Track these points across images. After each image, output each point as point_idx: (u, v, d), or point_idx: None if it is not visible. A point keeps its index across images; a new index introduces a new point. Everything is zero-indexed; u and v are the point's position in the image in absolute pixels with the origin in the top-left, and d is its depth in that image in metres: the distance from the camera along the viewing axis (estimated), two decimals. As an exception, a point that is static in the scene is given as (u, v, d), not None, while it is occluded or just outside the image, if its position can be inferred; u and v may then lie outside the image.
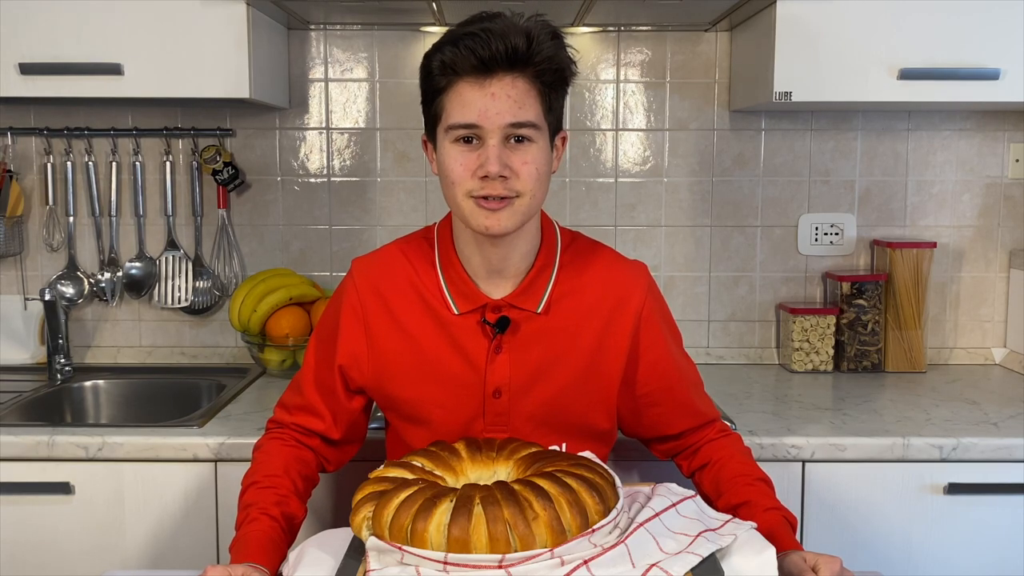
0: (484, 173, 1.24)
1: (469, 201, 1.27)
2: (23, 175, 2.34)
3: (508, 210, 1.27)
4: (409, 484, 1.11)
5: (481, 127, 1.24)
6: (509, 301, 1.36)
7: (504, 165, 1.24)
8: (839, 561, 1.16)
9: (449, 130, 1.27)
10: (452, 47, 1.24)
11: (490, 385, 1.35)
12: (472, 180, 1.26)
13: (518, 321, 1.36)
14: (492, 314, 1.35)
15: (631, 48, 2.34)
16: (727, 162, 2.37)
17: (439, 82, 1.27)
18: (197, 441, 1.75)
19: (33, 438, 1.75)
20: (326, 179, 2.37)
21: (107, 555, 1.77)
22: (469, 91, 1.24)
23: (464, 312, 1.36)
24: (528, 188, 1.27)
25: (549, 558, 1.02)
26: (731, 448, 1.44)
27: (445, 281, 1.38)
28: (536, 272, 1.37)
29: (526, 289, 1.36)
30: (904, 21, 1.95)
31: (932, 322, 2.39)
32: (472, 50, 1.22)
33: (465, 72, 1.24)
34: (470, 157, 1.26)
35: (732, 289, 2.40)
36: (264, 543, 1.24)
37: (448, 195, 1.31)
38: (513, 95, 1.24)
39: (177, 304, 2.34)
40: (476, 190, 1.26)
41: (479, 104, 1.24)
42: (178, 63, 1.97)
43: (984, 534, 1.77)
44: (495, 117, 1.24)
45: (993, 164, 2.37)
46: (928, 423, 1.85)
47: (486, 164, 1.24)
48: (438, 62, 1.26)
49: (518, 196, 1.27)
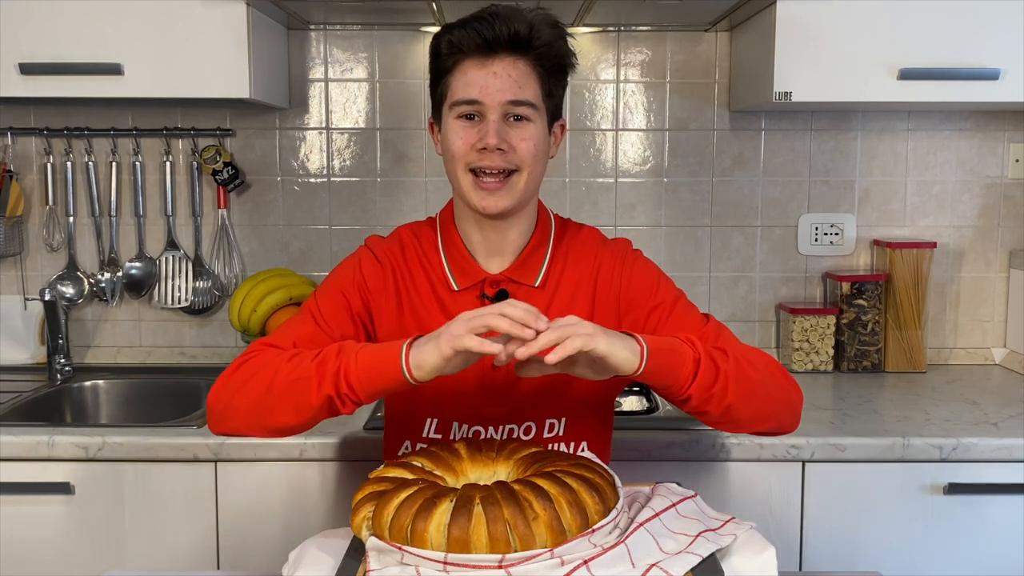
0: (483, 145, 1.31)
1: (468, 176, 1.34)
2: (23, 175, 2.34)
3: (505, 190, 1.33)
4: (409, 484, 1.11)
5: (482, 103, 1.31)
6: (507, 275, 1.40)
7: (502, 139, 1.31)
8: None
9: (453, 107, 1.33)
10: (460, 28, 1.32)
11: (488, 358, 1.36)
12: (472, 153, 1.32)
13: (516, 295, 1.39)
14: (491, 288, 1.39)
15: (631, 48, 2.34)
16: (727, 162, 2.37)
17: (446, 62, 1.34)
18: (197, 441, 1.75)
19: (33, 438, 1.75)
20: (326, 179, 2.37)
21: (107, 555, 1.77)
22: (473, 69, 1.32)
23: (464, 288, 1.40)
24: (526, 163, 1.33)
25: (549, 558, 1.02)
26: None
27: (447, 259, 1.42)
28: (532, 247, 1.42)
29: (523, 263, 1.41)
30: (904, 21, 1.95)
31: (932, 322, 2.39)
32: (477, 31, 1.30)
33: (470, 51, 1.31)
34: (471, 132, 1.33)
35: (732, 289, 2.40)
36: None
37: (450, 171, 1.37)
38: (514, 75, 1.31)
39: (177, 304, 2.34)
40: (474, 162, 1.32)
41: (481, 81, 1.31)
42: (178, 63, 1.97)
43: (984, 534, 1.77)
44: (495, 94, 1.30)
45: (993, 164, 2.37)
46: (928, 423, 1.85)
47: (485, 137, 1.31)
48: (446, 42, 1.33)
49: (516, 171, 1.33)
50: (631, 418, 1.91)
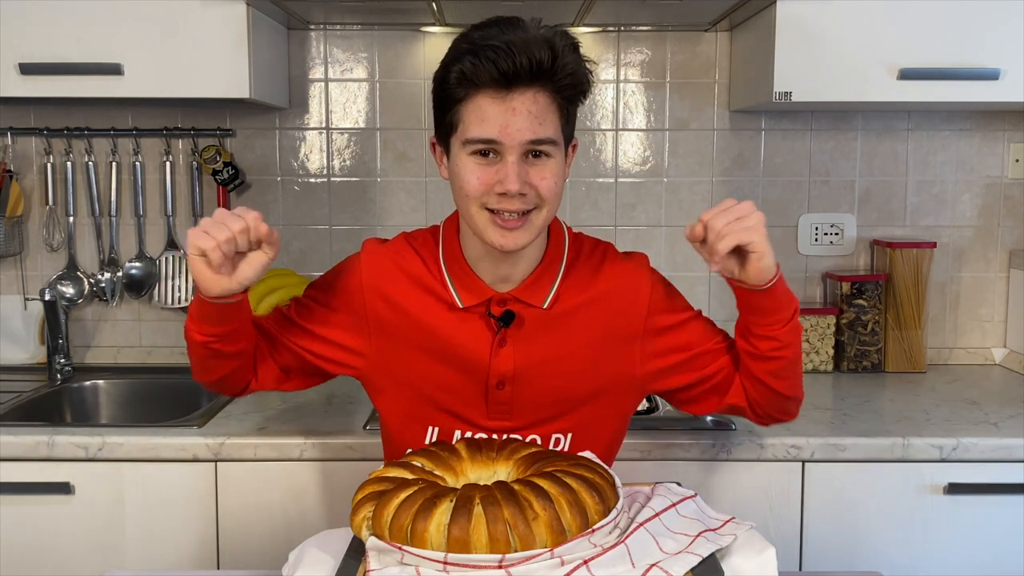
0: (503, 190, 1.22)
1: (484, 214, 1.26)
2: (23, 175, 2.34)
3: (524, 228, 1.26)
4: (409, 484, 1.11)
5: (501, 143, 1.22)
6: (515, 295, 1.35)
7: (524, 183, 1.23)
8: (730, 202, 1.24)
9: (467, 143, 1.24)
10: (473, 58, 1.19)
11: (493, 377, 1.35)
12: (490, 195, 1.24)
13: (523, 316, 1.34)
14: (497, 307, 1.34)
15: (631, 48, 2.34)
16: (727, 162, 2.37)
17: (456, 93, 1.23)
18: (197, 441, 1.75)
19: (33, 438, 1.75)
20: (326, 179, 2.37)
21: (107, 555, 1.77)
22: (489, 105, 1.21)
23: (469, 306, 1.35)
24: (546, 201, 1.26)
25: (549, 558, 1.02)
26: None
27: (449, 276, 1.36)
28: (543, 268, 1.36)
29: (533, 284, 1.35)
30: (904, 21, 1.95)
31: (932, 322, 2.39)
32: (494, 63, 1.18)
33: (485, 85, 1.20)
34: (488, 171, 1.23)
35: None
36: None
37: (462, 205, 1.29)
38: (534, 111, 1.21)
39: (177, 304, 2.34)
40: (492, 204, 1.25)
41: (500, 120, 1.21)
42: (178, 63, 1.97)
43: (984, 534, 1.77)
44: (516, 134, 1.21)
45: (993, 164, 2.37)
46: (928, 423, 1.85)
47: (505, 181, 1.22)
48: (456, 72, 1.21)
49: (535, 209, 1.26)
50: (631, 418, 1.91)
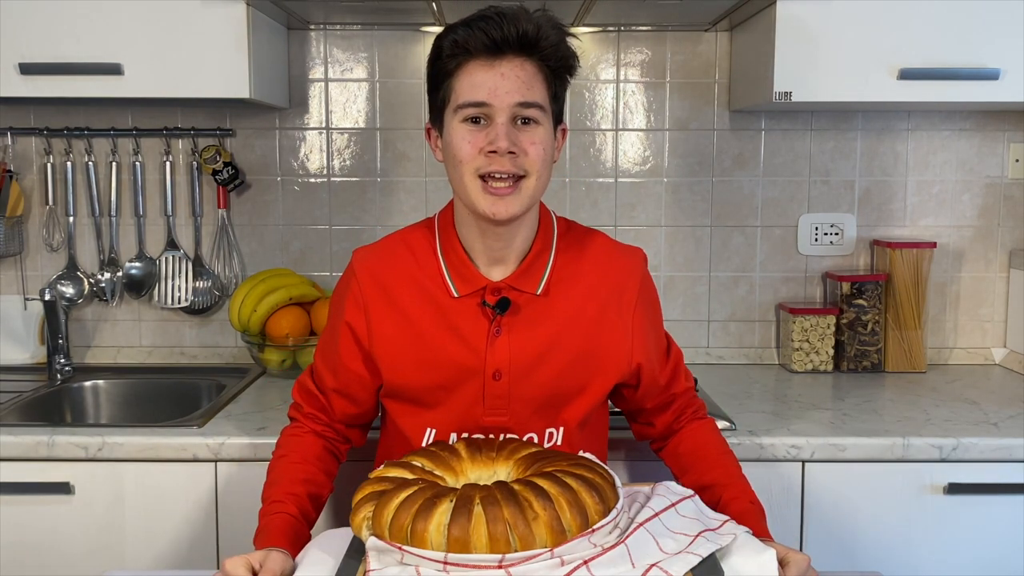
0: (493, 148, 1.27)
1: (476, 182, 1.30)
2: (23, 175, 2.34)
3: (515, 195, 1.30)
4: (409, 484, 1.11)
5: (491, 105, 1.28)
6: (509, 283, 1.38)
7: (512, 142, 1.28)
8: (807, 560, 1.18)
9: (458, 109, 1.29)
10: (465, 28, 1.28)
11: (490, 367, 1.36)
12: (480, 157, 1.29)
13: (518, 303, 1.37)
14: (492, 296, 1.37)
15: (631, 48, 2.34)
16: (727, 162, 2.37)
17: (449, 64, 1.30)
18: (197, 441, 1.75)
19: (33, 438, 1.75)
20: (326, 179, 2.37)
21: (107, 555, 1.77)
22: (479, 71, 1.28)
23: (464, 295, 1.38)
24: (535, 168, 1.30)
25: (549, 558, 1.02)
26: (705, 430, 1.49)
27: (446, 265, 1.39)
28: (535, 255, 1.39)
29: (525, 271, 1.38)
30: (904, 21, 1.95)
31: (932, 322, 2.39)
32: (485, 31, 1.27)
33: (476, 52, 1.28)
34: (478, 136, 1.29)
35: (732, 289, 2.40)
36: (285, 530, 1.29)
37: (454, 176, 1.33)
38: (522, 76, 1.28)
39: (177, 304, 2.34)
40: (484, 167, 1.29)
41: (489, 83, 1.27)
42: (178, 63, 1.97)
43: (984, 534, 1.77)
44: (504, 96, 1.27)
45: (993, 164, 2.37)
46: (928, 423, 1.85)
47: (495, 140, 1.27)
48: (450, 42, 1.29)
49: (525, 176, 1.30)
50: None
